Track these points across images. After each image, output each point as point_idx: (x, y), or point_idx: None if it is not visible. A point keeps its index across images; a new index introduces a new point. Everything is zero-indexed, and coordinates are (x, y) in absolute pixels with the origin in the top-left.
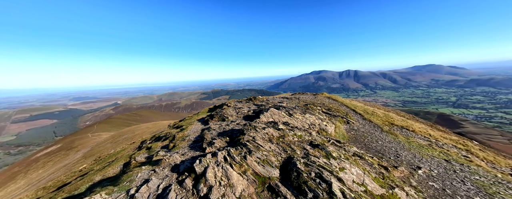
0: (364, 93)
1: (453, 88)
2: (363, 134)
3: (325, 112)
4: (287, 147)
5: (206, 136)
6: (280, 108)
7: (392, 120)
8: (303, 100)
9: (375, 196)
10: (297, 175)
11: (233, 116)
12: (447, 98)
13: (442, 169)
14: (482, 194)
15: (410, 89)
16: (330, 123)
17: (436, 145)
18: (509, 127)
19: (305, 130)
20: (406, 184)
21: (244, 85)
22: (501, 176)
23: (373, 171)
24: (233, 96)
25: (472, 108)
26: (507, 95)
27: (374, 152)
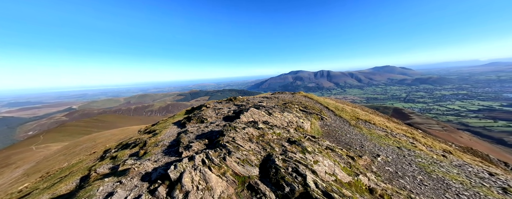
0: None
1: (404, 86)
2: (335, 129)
3: (302, 110)
4: (267, 145)
5: (182, 139)
6: (260, 107)
7: (358, 115)
8: (282, 99)
9: (343, 183)
10: (275, 171)
11: (213, 117)
12: (399, 95)
13: (395, 155)
14: (423, 173)
15: (372, 88)
16: (307, 120)
17: (391, 135)
18: (442, 116)
19: (284, 128)
20: (368, 170)
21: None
22: (436, 157)
23: (342, 162)
24: (213, 97)
25: (417, 102)
26: (440, 91)
27: (344, 144)
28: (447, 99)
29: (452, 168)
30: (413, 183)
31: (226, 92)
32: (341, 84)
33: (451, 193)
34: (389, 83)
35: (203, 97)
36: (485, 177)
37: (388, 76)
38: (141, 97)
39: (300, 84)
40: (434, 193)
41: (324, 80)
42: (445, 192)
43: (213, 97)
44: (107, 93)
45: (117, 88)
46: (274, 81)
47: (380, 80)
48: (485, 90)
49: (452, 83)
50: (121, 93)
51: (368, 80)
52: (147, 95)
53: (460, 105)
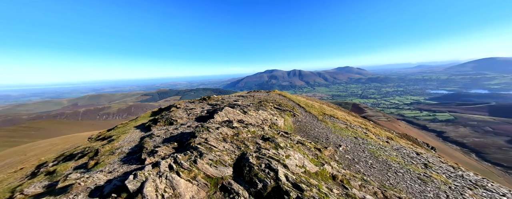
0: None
1: (359, 85)
2: (305, 124)
3: (276, 107)
4: (241, 143)
5: (146, 144)
6: (235, 106)
7: (324, 111)
8: (258, 97)
9: (311, 174)
10: (249, 169)
11: (184, 118)
12: (357, 92)
13: (353, 144)
14: (372, 157)
15: (336, 86)
16: (280, 117)
17: (350, 127)
18: (387, 109)
19: (259, 126)
20: (332, 159)
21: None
22: (382, 143)
23: (311, 154)
24: (185, 97)
25: (369, 98)
26: (385, 88)
27: (313, 138)
28: (390, 95)
29: (392, 151)
30: (365, 166)
31: (200, 91)
32: (311, 83)
33: (391, 172)
34: (349, 82)
35: (173, 97)
36: (414, 156)
37: (348, 76)
38: (93, 99)
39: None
40: (380, 173)
41: (296, 79)
42: (387, 172)
43: (185, 97)
44: (41, 95)
45: (57, 88)
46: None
47: (342, 79)
48: (415, 87)
49: (393, 82)
50: (63, 94)
51: (333, 79)
52: (101, 95)
53: (398, 99)
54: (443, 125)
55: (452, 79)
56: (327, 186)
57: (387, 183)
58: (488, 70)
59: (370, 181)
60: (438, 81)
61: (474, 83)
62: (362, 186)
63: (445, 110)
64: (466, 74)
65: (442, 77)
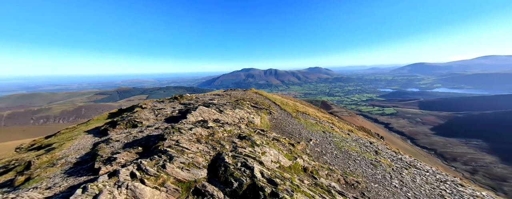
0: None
1: (327, 84)
2: (280, 121)
3: (253, 106)
4: (217, 143)
5: (101, 151)
6: (211, 105)
7: (298, 108)
8: (234, 96)
9: (285, 168)
10: (224, 169)
11: (151, 119)
12: (325, 90)
13: (321, 137)
14: (337, 149)
15: (307, 85)
16: (257, 115)
17: (319, 122)
18: (349, 105)
19: (235, 124)
20: (303, 153)
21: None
22: (344, 135)
23: (285, 149)
24: (153, 96)
25: (335, 96)
26: (347, 87)
27: (287, 134)
28: (351, 93)
29: (352, 142)
30: (331, 157)
31: (171, 90)
32: (286, 82)
33: (351, 160)
34: (319, 81)
35: (139, 97)
36: (368, 145)
37: (317, 76)
38: (23, 99)
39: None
40: (343, 162)
41: (272, 78)
42: (348, 160)
43: (153, 96)
44: None
45: None
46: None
47: (313, 79)
48: (369, 86)
49: (353, 81)
50: None
51: (305, 79)
52: (36, 95)
53: (357, 97)
54: (389, 118)
55: (395, 80)
56: (299, 178)
57: (348, 170)
58: (419, 72)
59: (335, 169)
60: (386, 82)
61: (410, 83)
62: (328, 175)
63: (390, 105)
64: (404, 76)
65: (388, 78)
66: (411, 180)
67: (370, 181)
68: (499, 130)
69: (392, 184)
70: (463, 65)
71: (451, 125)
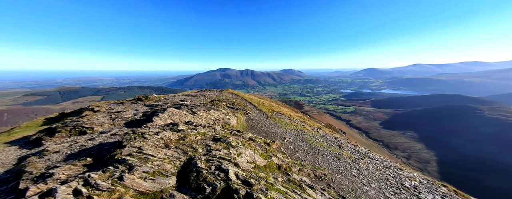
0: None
1: (299, 85)
2: (257, 121)
3: (229, 107)
4: (189, 148)
5: (31, 166)
6: (182, 106)
7: (273, 108)
8: (209, 97)
9: (260, 167)
10: (196, 174)
11: (105, 124)
12: (298, 91)
13: (295, 136)
14: (308, 145)
15: (282, 85)
16: (233, 116)
17: (293, 121)
18: (318, 105)
19: (210, 126)
20: (278, 152)
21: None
22: (314, 133)
23: (261, 149)
24: (110, 97)
25: (306, 96)
26: (317, 88)
27: (263, 134)
28: (320, 94)
29: (320, 138)
30: (303, 153)
31: (134, 90)
32: (262, 82)
33: (320, 155)
34: (292, 82)
35: (91, 98)
36: (333, 140)
37: (291, 77)
38: None
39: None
40: (313, 157)
41: (249, 79)
42: (317, 155)
43: (110, 97)
44: None
45: None
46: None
47: (287, 80)
48: (334, 88)
49: (322, 83)
50: None
51: (280, 80)
52: None
53: (325, 97)
54: (349, 115)
55: (354, 82)
56: (274, 176)
57: (317, 164)
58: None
59: (306, 165)
60: (346, 83)
61: (364, 85)
62: (300, 170)
63: (350, 104)
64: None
65: (348, 81)
66: (365, 168)
67: (335, 172)
68: (424, 122)
69: (352, 173)
70: (400, 71)
71: (393, 120)
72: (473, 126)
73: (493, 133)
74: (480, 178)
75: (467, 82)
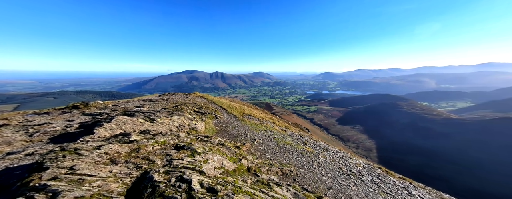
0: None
1: (269, 87)
2: (227, 125)
3: (197, 111)
4: (143, 160)
5: None
6: (137, 113)
7: (244, 110)
8: (173, 101)
9: (229, 172)
10: (152, 190)
11: (17, 142)
12: (268, 93)
13: (264, 136)
14: (276, 144)
15: (253, 88)
16: (201, 121)
17: (263, 123)
18: (286, 106)
19: (172, 134)
20: (248, 154)
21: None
22: (282, 132)
23: (230, 153)
24: (30, 105)
25: (276, 98)
26: (285, 90)
27: (233, 137)
28: (288, 95)
29: (288, 137)
30: (272, 153)
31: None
32: (233, 85)
33: (286, 153)
34: (262, 85)
35: None
36: (298, 138)
37: (261, 80)
38: None
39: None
40: (280, 156)
41: (219, 81)
42: (284, 153)
43: (30, 106)
44: None
45: None
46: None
47: (257, 82)
48: (299, 89)
49: (289, 85)
50: None
51: (251, 82)
52: None
53: (292, 98)
54: (313, 114)
55: (315, 84)
56: (243, 179)
57: (284, 162)
58: (328, 79)
59: (274, 164)
60: (309, 86)
61: (323, 87)
62: (269, 169)
63: (313, 104)
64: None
65: (311, 83)
66: (324, 160)
67: (299, 167)
68: (367, 117)
69: (313, 166)
70: (349, 74)
71: (346, 116)
72: (397, 118)
73: (409, 123)
74: (403, 158)
75: (392, 84)
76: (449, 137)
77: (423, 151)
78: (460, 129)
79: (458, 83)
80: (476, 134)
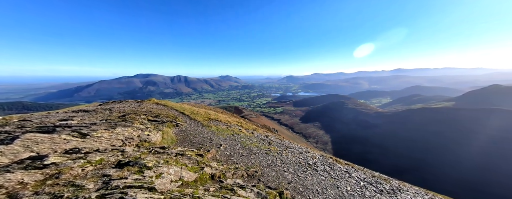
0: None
1: (237, 91)
2: (190, 132)
3: (152, 120)
4: (66, 187)
5: None
6: (59, 129)
7: (210, 116)
8: (119, 110)
9: (189, 183)
10: None
11: None
12: (236, 97)
13: (231, 141)
14: (243, 147)
15: (221, 92)
16: (156, 131)
17: (230, 127)
18: (255, 108)
19: (115, 150)
20: (213, 160)
21: None
22: (249, 135)
23: (191, 162)
24: None
25: (245, 101)
26: (253, 93)
27: (197, 145)
28: (256, 98)
29: (254, 139)
30: (238, 156)
31: None
32: (198, 89)
33: (253, 155)
34: (231, 88)
35: None
36: (265, 139)
37: (229, 84)
38: None
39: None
40: (247, 158)
41: (182, 86)
42: (251, 155)
43: None
44: None
45: None
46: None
47: (225, 86)
48: (266, 92)
49: (257, 88)
50: None
51: (218, 86)
52: None
53: (260, 101)
54: (279, 115)
55: (280, 87)
56: (205, 188)
57: (250, 163)
58: (291, 82)
59: (240, 167)
60: (275, 88)
61: (288, 89)
62: (234, 174)
63: (279, 106)
64: (284, 84)
65: (276, 86)
66: (286, 157)
67: (264, 167)
68: (323, 115)
69: (277, 164)
70: (308, 78)
71: (307, 115)
72: (345, 114)
73: (352, 117)
74: (350, 147)
75: (339, 86)
76: (379, 126)
77: (363, 140)
78: (385, 120)
79: (382, 84)
80: (393, 122)
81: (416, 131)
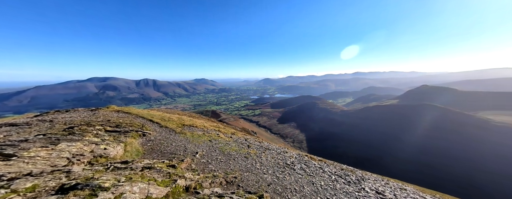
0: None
1: (214, 94)
2: (160, 141)
3: (111, 130)
4: None
5: None
6: None
7: (184, 122)
8: (65, 122)
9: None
10: None
11: None
12: (213, 100)
13: (208, 147)
14: (221, 153)
15: (196, 96)
16: (116, 143)
17: (207, 132)
18: (233, 111)
19: (55, 171)
20: (188, 170)
21: None
22: (227, 139)
23: (161, 176)
24: None
25: (222, 105)
26: (231, 96)
27: (168, 155)
28: (234, 101)
29: (233, 143)
30: (216, 163)
31: None
32: (170, 94)
33: (231, 160)
34: (207, 92)
35: None
36: (244, 142)
37: (205, 87)
38: None
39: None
40: (225, 164)
41: (150, 90)
42: (229, 161)
43: None
44: None
45: None
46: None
47: (201, 89)
48: (244, 95)
49: (234, 91)
50: None
51: (193, 90)
52: None
53: (238, 104)
54: (258, 117)
55: (258, 90)
56: None
57: (229, 169)
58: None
59: (218, 174)
60: (253, 91)
61: (265, 91)
62: (212, 182)
63: (258, 108)
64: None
65: (254, 88)
66: (266, 159)
67: (243, 171)
68: (298, 115)
69: (256, 167)
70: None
71: (284, 116)
72: (316, 114)
73: (323, 116)
74: (323, 144)
75: (311, 87)
76: (344, 123)
77: (333, 136)
78: (349, 117)
79: (345, 85)
80: (355, 118)
81: (373, 125)
